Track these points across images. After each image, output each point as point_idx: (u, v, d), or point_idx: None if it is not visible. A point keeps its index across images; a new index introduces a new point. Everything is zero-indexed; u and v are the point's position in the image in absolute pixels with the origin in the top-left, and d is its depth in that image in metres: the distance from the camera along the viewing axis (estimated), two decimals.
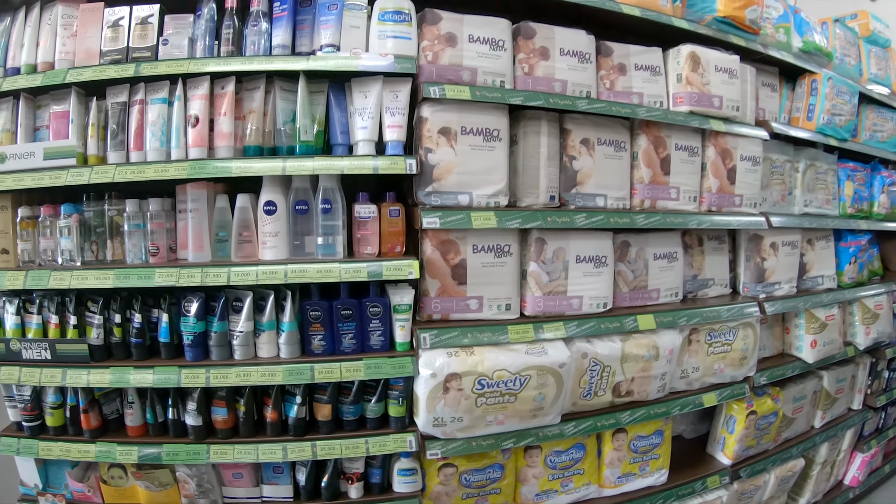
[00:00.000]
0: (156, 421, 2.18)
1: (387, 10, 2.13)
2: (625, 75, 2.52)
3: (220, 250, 2.15)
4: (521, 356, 2.19)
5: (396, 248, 2.18)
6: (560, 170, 2.40)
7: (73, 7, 2.23)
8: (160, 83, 2.15)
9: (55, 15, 2.22)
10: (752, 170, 2.81)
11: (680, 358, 2.64)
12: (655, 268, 2.62)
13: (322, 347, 2.14)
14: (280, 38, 2.13)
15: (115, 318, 2.14)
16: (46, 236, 2.17)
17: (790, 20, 3.13)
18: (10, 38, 2.26)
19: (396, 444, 2.18)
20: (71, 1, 2.23)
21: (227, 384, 2.07)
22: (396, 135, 2.13)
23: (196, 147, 2.10)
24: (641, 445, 2.66)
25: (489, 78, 2.23)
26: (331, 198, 2.10)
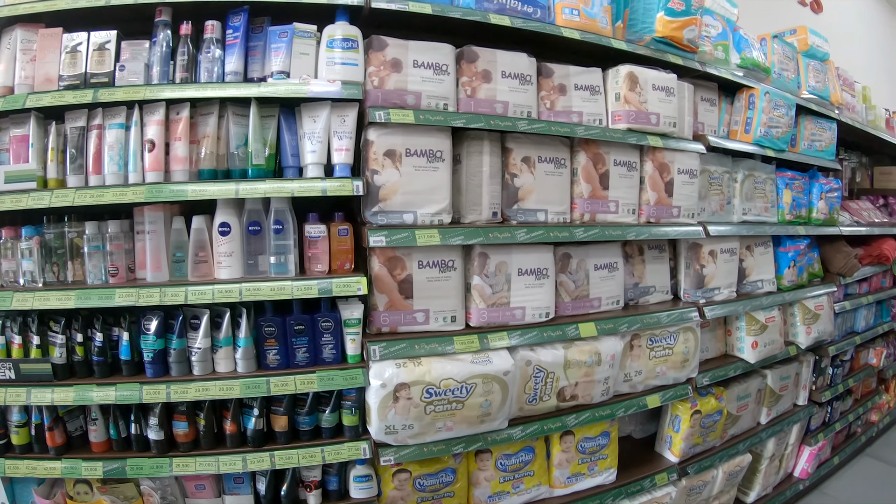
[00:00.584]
0: (119, 436, 2.23)
1: (335, 38, 2.22)
2: (565, 95, 2.65)
3: (178, 270, 2.21)
4: (467, 365, 2.28)
5: (346, 265, 2.27)
6: (502, 187, 2.52)
7: (32, 32, 2.26)
8: (118, 108, 2.20)
9: (14, 39, 2.25)
10: (690, 182, 2.96)
11: (622, 362, 2.76)
12: (596, 278, 2.74)
13: (277, 361, 2.22)
14: (233, 66, 2.21)
15: (77, 338, 2.18)
16: (8, 258, 2.20)
17: (729, 38, 3.30)
18: None
19: (351, 452, 2.26)
20: (30, 26, 2.26)
21: (188, 399, 2.13)
22: (344, 157, 2.22)
23: (153, 171, 2.15)
24: (589, 446, 2.77)
25: (433, 101, 2.33)
26: (282, 219, 2.19)
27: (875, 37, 8.57)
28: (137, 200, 2.11)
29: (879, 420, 5.36)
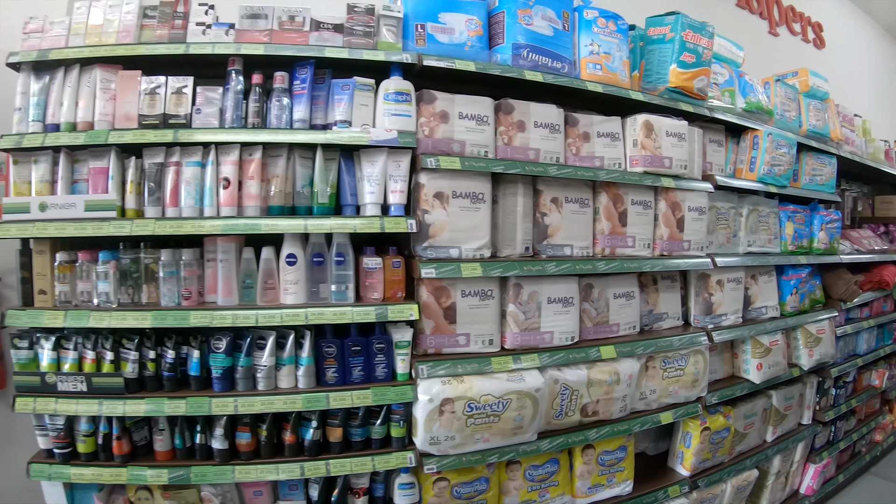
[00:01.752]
0: (184, 446, 2.49)
1: (390, 92, 2.58)
2: (589, 142, 3.02)
3: (247, 295, 2.54)
4: (503, 383, 2.62)
5: (398, 293, 2.62)
6: (533, 224, 2.89)
7: (111, 72, 2.53)
8: (194, 147, 2.50)
9: (94, 78, 2.52)
10: (699, 218, 3.35)
11: (639, 382, 3.10)
12: (615, 305, 3.11)
13: (335, 378, 2.54)
14: (300, 113, 2.54)
15: (150, 354, 2.45)
16: (84, 279, 2.45)
17: (735, 84, 3.69)
18: (50, 95, 2.52)
19: (398, 460, 2.55)
20: (109, 67, 2.53)
21: (253, 411, 2.41)
22: (399, 198, 2.58)
23: (227, 206, 2.46)
24: (608, 459, 3.08)
25: (476, 149, 2.70)
26: (343, 251, 2.55)
27: (877, 68, 8.94)
28: (214, 232, 2.41)
29: (884, 440, 5.67)
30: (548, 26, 2.88)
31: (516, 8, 2.78)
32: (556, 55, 2.89)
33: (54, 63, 2.54)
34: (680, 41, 3.22)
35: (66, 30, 2.57)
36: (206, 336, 2.52)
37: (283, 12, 2.61)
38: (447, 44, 2.73)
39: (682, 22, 3.24)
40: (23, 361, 2.48)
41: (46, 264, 2.49)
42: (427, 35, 2.71)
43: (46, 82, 2.54)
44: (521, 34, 2.79)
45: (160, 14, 2.59)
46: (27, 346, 2.48)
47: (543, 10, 2.86)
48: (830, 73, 6.70)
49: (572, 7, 3.03)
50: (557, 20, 2.92)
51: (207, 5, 2.61)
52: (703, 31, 3.32)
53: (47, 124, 2.53)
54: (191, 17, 2.59)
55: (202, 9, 2.60)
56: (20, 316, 2.41)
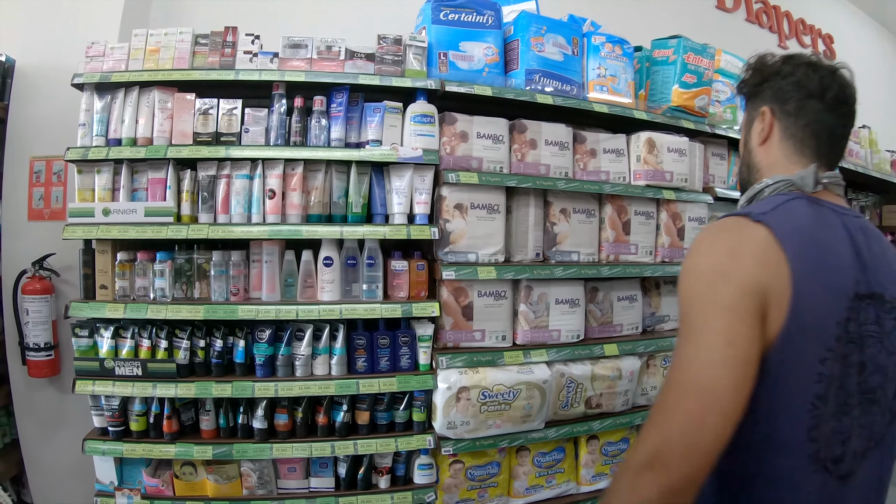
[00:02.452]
0: (227, 425, 2.80)
1: (416, 114, 2.92)
2: (595, 158, 3.34)
3: (288, 292, 2.88)
4: (514, 374, 2.93)
5: (422, 293, 2.96)
6: (544, 232, 3.21)
7: (168, 94, 2.84)
8: (243, 162, 2.82)
9: (153, 99, 2.82)
10: (699, 228, 3.64)
11: (640, 378, 3.39)
12: (619, 307, 3.42)
13: (364, 367, 2.87)
14: (337, 133, 2.88)
15: (200, 343, 2.78)
16: (141, 276, 2.77)
17: (737, 101, 3.98)
18: (112, 113, 2.82)
19: (419, 442, 2.87)
20: (166, 88, 2.84)
21: (291, 395, 2.74)
22: (423, 209, 2.94)
23: (272, 214, 2.80)
24: (611, 450, 3.38)
25: (492, 165, 3.03)
26: (374, 255, 2.90)
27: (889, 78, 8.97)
28: (262, 237, 2.76)
29: None
30: (558, 52, 3.22)
31: (530, 36, 3.12)
32: (565, 79, 3.23)
33: (114, 84, 2.83)
34: (682, 63, 3.54)
35: (126, 54, 2.88)
36: (250, 328, 2.83)
37: (322, 42, 2.96)
38: (467, 70, 3.07)
39: (684, 45, 3.56)
40: (83, 349, 2.77)
41: (108, 262, 2.78)
42: (449, 62, 3.05)
43: (108, 101, 2.83)
44: (534, 60, 3.13)
45: (211, 42, 2.93)
46: (87, 334, 2.79)
47: (555, 37, 3.20)
48: None
49: (581, 34, 3.37)
50: (567, 46, 3.26)
51: (254, 35, 2.94)
52: (704, 52, 3.64)
53: (110, 139, 2.83)
54: (238, 45, 2.92)
55: (248, 38, 2.94)
56: (83, 308, 2.73)
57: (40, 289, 3.16)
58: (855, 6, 8.27)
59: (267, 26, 3.17)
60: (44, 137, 3.30)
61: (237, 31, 2.94)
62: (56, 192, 3.37)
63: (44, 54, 3.33)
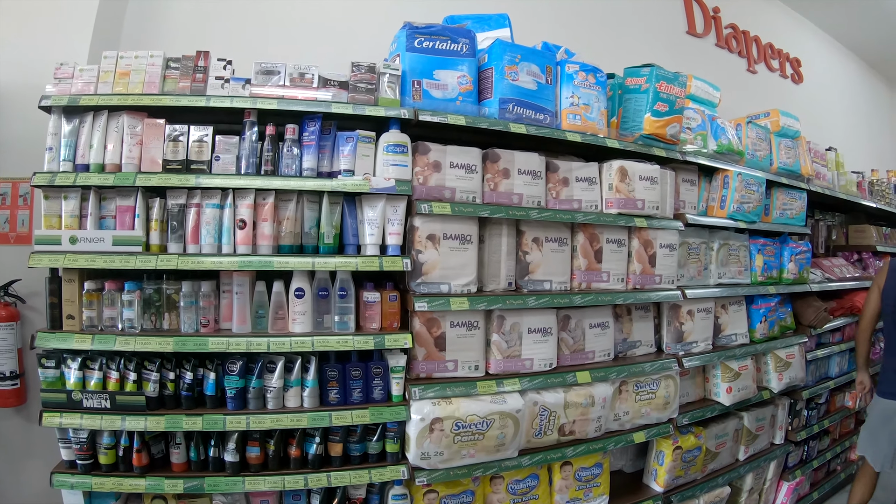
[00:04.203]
0: (198, 458, 2.74)
1: (389, 144, 2.89)
2: (568, 186, 3.34)
3: (259, 324, 2.83)
4: (487, 404, 2.93)
5: (394, 324, 2.94)
6: (516, 262, 3.21)
7: (137, 119, 2.76)
8: (214, 191, 2.76)
9: (122, 124, 2.74)
10: (670, 254, 3.67)
11: (612, 404, 3.39)
12: (591, 335, 3.42)
13: (337, 399, 2.83)
14: (308, 162, 2.84)
15: (170, 375, 2.71)
16: (109, 306, 2.69)
17: (707, 127, 4.02)
18: (80, 138, 2.73)
19: (392, 473, 2.84)
20: (135, 113, 2.77)
21: (263, 428, 2.69)
22: (395, 240, 2.91)
23: (243, 244, 2.75)
24: (585, 475, 3.37)
25: (465, 195, 3.01)
26: (346, 286, 2.87)
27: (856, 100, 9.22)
28: (232, 268, 2.72)
29: (859, 458, 5.89)
30: (532, 81, 3.21)
31: (504, 65, 3.11)
32: (539, 107, 3.23)
33: (83, 107, 2.76)
34: (654, 91, 3.56)
35: (95, 77, 2.80)
36: (221, 360, 2.78)
37: (294, 69, 2.92)
38: (441, 98, 3.05)
39: (657, 74, 3.58)
40: (50, 380, 2.70)
41: (75, 292, 2.71)
42: (423, 91, 3.02)
43: (76, 125, 2.76)
44: (508, 89, 3.12)
45: (182, 67, 2.86)
46: (54, 365, 2.71)
47: (529, 65, 3.19)
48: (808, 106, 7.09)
49: (555, 62, 3.37)
50: (541, 75, 3.25)
51: (225, 61, 2.88)
52: (676, 81, 3.66)
53: (77, 164, 2.75)
54: (210, 70, 2.86)
55: (220, 64, 2.88)
56: (50, 338, 2.64)
57: (5, 316, 3.09)
58: (822, 30, 8.48)
59: (243, 50, 3.16)
60: (10, 159, 3.23)
61: (209, 55, 2.88)
62: (22, 215, 3.29)
63: (12, 74, 3.25)
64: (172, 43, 3.34)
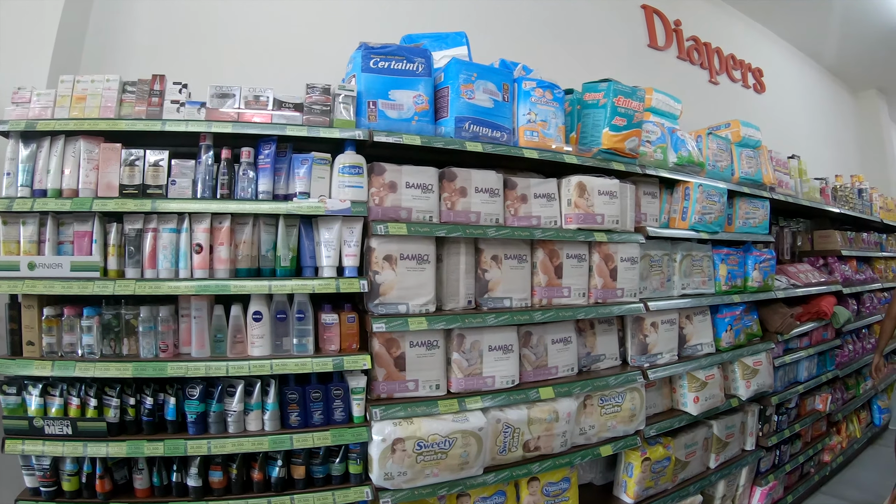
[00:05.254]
0: (161, 484, 2.69)
1: (345, 165, 2.86)
2: (526, 203, 3.33)
3: (218, 348, 2.78)
4: (449, 423, 2.89)
5: (353, 345, 2.90)
6: (475, 280, 3.18)
7: (94, 144, 2.72)
8: (170, 215, 2.73)
9: (78, 148, 2.71)
10: (631, 267, 3.66)
11: (578, 418, 3.37)
12: (553, 350, 3.40)
13: (298, 422, 2.79)
14: (264, 186, 2.81)
15: (130, 401, 2.65)
16: (69, 332, 2.65)
17: (667, 140, 4.02)
18: (37, 163, 2.70)
19: (356, 495, 2.79)
20: (92, 138, 2.73)
21: (224, 452, 2.64)
22: (352, 261, 2.88)
23: (200, 269, 2.70)
24: (553, 490, 3.33)
25: (421, 215, 2.99)
26: (304, 309, 2.84)
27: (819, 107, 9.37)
28: (189, 293, 2.68)
29: (832, 460, 5.98)
30: (489, 99, 3.20)
31: (460, 83, 3.10)
32: (495, 125, 3.21)
33: (40, 132, 2.73)
34: (612, 106, 3.56)
35: (52, 101, 2.76)
36: (181, 384, 2.74)
37: (249, 92, 2.88)
38: (396, 119, 3.02)
39: (614, 89, 3.58)
40: (11, 406, 2.64)
41: (34, 318, 2.66)
42: (378, 111, 3.00)
43: (34, 149, 2.72)
44: (464, 108, 3.11)
45: (138, 91, 2.82)
46: (15, 392, 2.65)
47: (485, 83, 3.19)
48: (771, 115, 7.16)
49: (512, 79, 3.36)
50: (498, 92, 3.24)
51: (181, 84, 2.86)
52: (634, 95, 3.66)
53: (35, 189, 2.71)
54: (166, 94, 2.82)
55: (176, 87, 2.85)
56: (10, 365, 2.60)
57: None
58: (784, 40, 8.61)
59: (201, 73, 3.14)
60: None
61: (165, 79, 2.85)
62: None
63: None
64: (132, 66, 3.33)
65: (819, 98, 9.58)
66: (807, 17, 7.98)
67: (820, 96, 9.63)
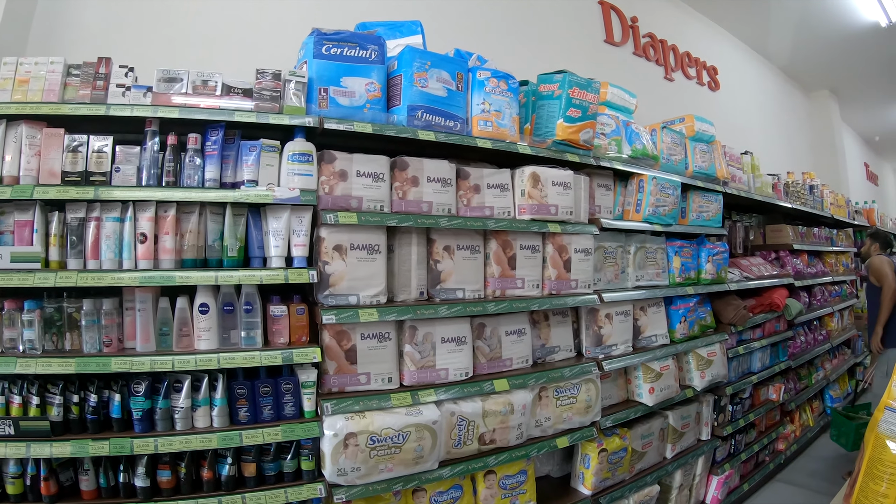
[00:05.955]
0: (108, 485, 2.56)
1: (294, 153, 2.79)
2: (479, 193, 3.28)
3: (163, 342, 2.68)
4: (402, 417, 2.83)
5: (303, 338, 2.82)
6: (427, 271, 3.13)
7: (36, 129, 2.59)
8: (114, 203, 2.61)
9: (20, 134, 2.57)
10: (586, 259, 3.65)
11: (533, 411, 3.34)
12: (507, 342, 3.36)
13: (247, 417, 2.70)
14: (211, 173, 2.72)
15: (74, 398, 2.52)
16: (9, 327, 2.51)
17: (622, 133, 4.02)
18: None
19: (309, 492, 2.72)
20: (34, 123, 2.59)
21: (172, 450, 2.53)
22: (301, 251, 2.80)
23: (144, 259, 2.59)
24: (510, 483, 3.30)
25: (372, 204, 2.92)
26: (251, 300, 2.75)
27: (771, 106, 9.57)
28: (133, 284, 2.56)
29: (787, 448, 6.11)
30: (442, 87, 3.15)
31: (413, 71, 3.04)
32: (449, 114, 3.16)
33: None
34: (567, 98, 3.53)
35: None
36: (126, 380, 2.63)
37: (197, 76, 2.79)
38: (348, 106, 2.95)
39: (569, 80, 3.55)
40: None
41: None
42: (329, 98, 2.92)
43: None
44: (417, 96, 3.05)
45: (83, 74, 2.71)
46: None
47: (439, 72, 3.14)
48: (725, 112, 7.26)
49: (466, 69, 3.32)
50: (452, 81, 3.20)
51: (127, 68, 2.74)
52: (589, 87, 3.64)
53: None
54: (112, 78, 2.71)
55: (122, 71, 2.73)
56: None
57: None
58: (739, 40, 8.75)
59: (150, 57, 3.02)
60: None
61: (111, 62, 2.74)
62: None
63: None
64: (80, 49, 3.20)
65: (772, 97, 9.77)
66: (761, 18, 8.14)
67: (773, 95, 9.82)
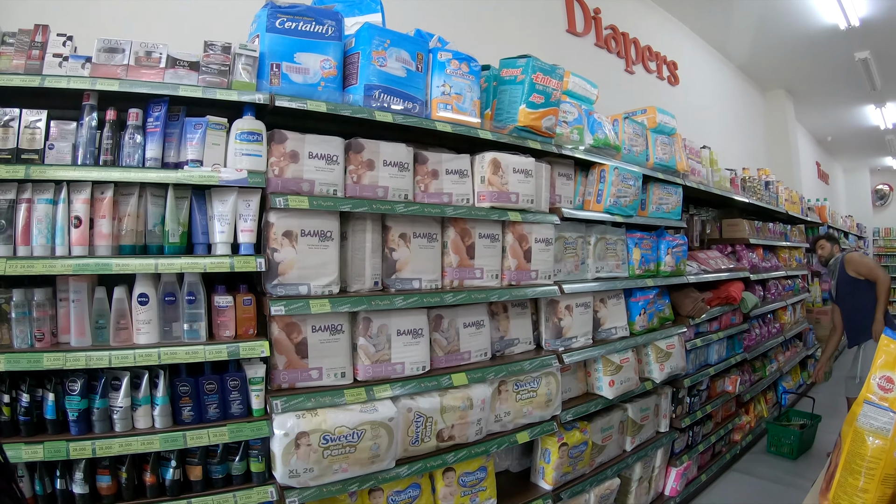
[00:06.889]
0: (45, 492, 2.35)
1: (242, 131, 2.60)
2: (437, 179, 3.14)
3: (100, 336, 2.48)
4: (357, 414, 2.68)
5: (250, 330, 2.64)
6: (382, 260, 2.98)
7: None
8: (47, 184, 2.40)
9: None
10: (546, 249, 3.54)
11: (492, 405, 3.23)
12: (465, 334, 3.23)
13: (191, 417, 2.52)
14: (152, 152, 2.51)
15: (4, 399, 2.32)
16: None
17: (584, 122, 3.93)
18: None
19: (260, 496, 2.54)
20: None
21: (112, 454, 2.33)
22: (248, 237, 2.62)
23: (78, 245, 2.37)
24: (469, 480, 3.19)
25: (325, 188, 2.76)
26: (195, 290, 2.56)
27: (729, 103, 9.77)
28: (66, 272, 2.35)
29: (742, 439, 6.21)
30: (401, 67, 3.00)
31: (371, 50, 2.89)
32: (408, 96, 3.02)
33: None
34: (530, 83, 3.42)
35: None
36: (60, 378, 2.44)
37: (141, 48, 2.57)
38: (301, 84, 2.78)
39: (533, 65, 3.44)
40: None
41: None
42: (282, 74, 2.74)
43: None
44: (375, 75, 2.90)
45: (17, 42, 2.47)
46: None
47: (398, 51, 2.99)
48: (684, 107, 7.30)
49: (427, 49, 3.18)
50: (411, 62, 3.05)
51: (65, 37, 2.52)
52: (553, 73, 3.53)
53: None
54: (49, 47, 2.48)
55: (60, 40, 2.51)
56: None
57: None
58: (700, 37, 8.90)
59: (102, 28, 2.82)
60: None
61: (48, 30, 2.51)
62: None
63: None
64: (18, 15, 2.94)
65: (730, 94, 9.96)
66: (722, 16, 8.29)
67: (731, 92, 10.02)
